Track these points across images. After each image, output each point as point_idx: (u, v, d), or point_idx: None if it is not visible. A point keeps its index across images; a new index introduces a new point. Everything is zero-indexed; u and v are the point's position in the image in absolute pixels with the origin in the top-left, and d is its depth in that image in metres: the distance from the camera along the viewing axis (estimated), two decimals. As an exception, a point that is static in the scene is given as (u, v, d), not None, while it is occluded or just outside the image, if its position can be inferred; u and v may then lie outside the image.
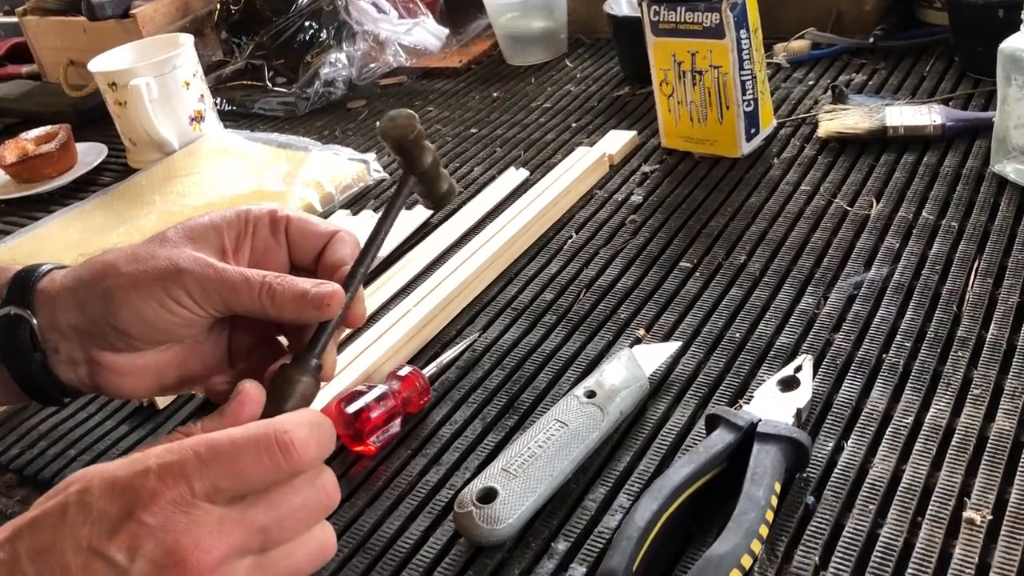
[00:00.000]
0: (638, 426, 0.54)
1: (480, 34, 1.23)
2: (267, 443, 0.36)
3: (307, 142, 1.00)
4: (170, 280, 0.44)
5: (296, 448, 0.37)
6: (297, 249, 0.49)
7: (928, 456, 0.48)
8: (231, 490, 0.36)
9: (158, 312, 0.45)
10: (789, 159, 0.81)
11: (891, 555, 0.43)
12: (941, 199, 0.70)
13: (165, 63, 1.00)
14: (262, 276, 0.45)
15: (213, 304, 0.45)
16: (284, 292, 0.45)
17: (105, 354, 0.46)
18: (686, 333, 0.61)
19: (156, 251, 0.45)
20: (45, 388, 0.47)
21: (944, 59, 0.91)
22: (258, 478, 0.36)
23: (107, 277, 0.45)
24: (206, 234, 0.47)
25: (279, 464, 0.36)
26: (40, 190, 1.03)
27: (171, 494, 0.34)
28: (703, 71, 0.80)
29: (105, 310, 0.45)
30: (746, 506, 0.45)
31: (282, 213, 0.49)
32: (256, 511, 0.36)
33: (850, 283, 0.63)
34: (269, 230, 0.48)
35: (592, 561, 0.46)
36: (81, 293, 0.45)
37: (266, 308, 0.45)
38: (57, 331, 0.46)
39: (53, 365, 0.46)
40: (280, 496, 0.37)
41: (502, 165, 0.90)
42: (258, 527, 0.36)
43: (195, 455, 0.35)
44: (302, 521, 0.37)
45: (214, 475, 0.35)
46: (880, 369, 0.55)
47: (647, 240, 0.73)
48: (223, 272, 0.45)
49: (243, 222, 0.48)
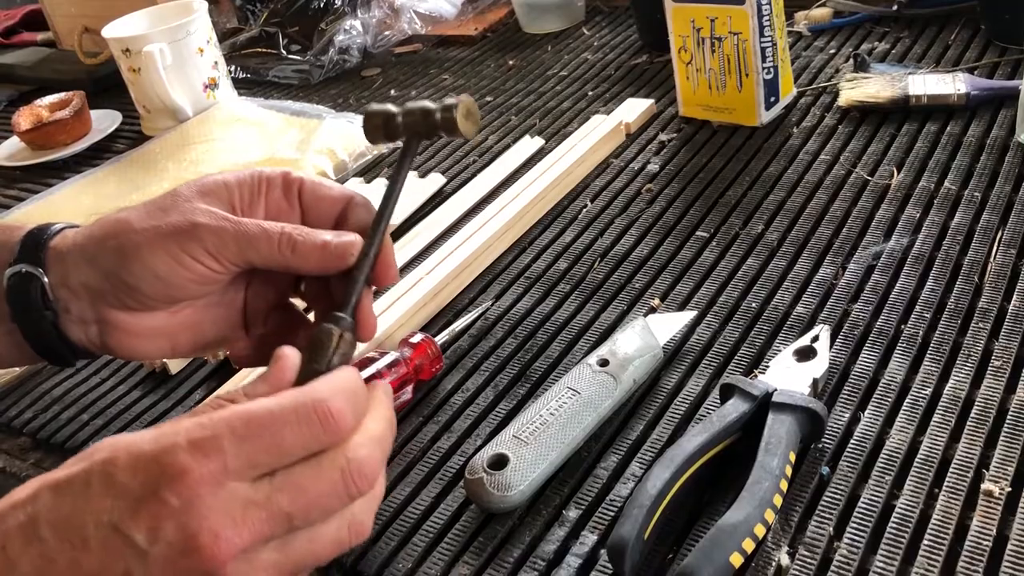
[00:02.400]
0: (651, 395, 0.54)
1: (496, 1, 1.22)
2: (306, 414, 0.35)
3: (321, 110, 0.99)
4: (185, 235, 0.44)
5: (334, 418, 0.36)
6: (311, 212, 0.48)
7: (946, 428, 0.47)
8: (267, 465, 0.35)
9: (173, 268, 0.44)
10: (809, 128, 0.79)
11: (907, 526, 0.43)
12: (964, 169, 0.69)
13: (179, 29, 0.99)
14: (280, 227, 0.45)
15: (230, 257, 0.44)
16: (306, 242, 0.44)
17: (116, 313, 0.45)
18: (701, 303, 0.61)
19: (169, 206, 0.45)
20: (56, 348, 0.46)
21: (970, 27, 0.89)
22: (296, 451, 0.35)
23: (120, 234, 0.44)
24: (218, 190, 0.46)
25: (318, 435, 0.35)
26: (54, 157, 1.02)
27: (201, 471, 0.33)
28: (722, 38, 0.79)
29: (118, 267, 0.44)
30: (760, 475, 0.44)
31: (295, 175, 0.48)
32: (282, 496, 0.35)
33: (869, 253, 0.62)
34: (282, 191, 0.47)
35: (603, 529, 0.46)
36: (93, 250, 0.45)
37: (287, 258, 0.44)
38: (68, 289, 0.45)
39: (64, 325, 0.46)
40: (308, 480, 0.35)
41: (517, 133, 0.89)
42: (283, 513, 0.35)
43: (230, 429, 0.34)
44: (328, 506, 0.36)
45: (251, 449, 0.34)
46: (898, 340, 0.54)
47: (663, 209, 0.72)
48: (240, 224, 0.44)
49: (256, 182, 0.47)
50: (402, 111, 0.48)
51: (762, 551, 0.43)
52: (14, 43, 1.39)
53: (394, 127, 0.47)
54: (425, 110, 0.47)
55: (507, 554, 0.46)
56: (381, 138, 0.48)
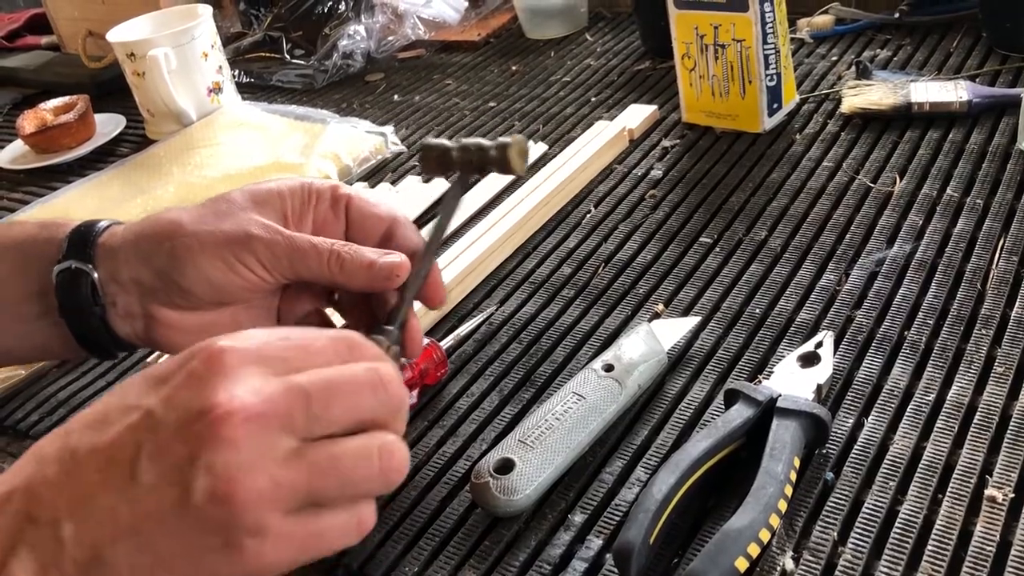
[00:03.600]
0: (656, 400, 0.54)
1: (499, 7, 1.22)
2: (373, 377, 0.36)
3: (325, 114, 0.99)
4: (240, 245, 0.45)
5: (384, 384, 0.36)
6: (355, 228, 0.49)
7: (949, 433, 0.48)
8: (300, 366, 0.34)
9: (225, 275, 0.45)
10: (811, 135, 0.80)
11: (911, 532, 0.43)
12: (966, 176, 0.69)
13: (183, 34, 1.00)
14: (330, 244, 0.46)
15: (281, 270, 0.45)
16: (353, 260, 0.46)
17: (163, 310, 0.46)
18: (705, 308, 0.61)
19: (224, 213, 0.46)
20: (101, 341, 0.47)
21: (971, 35, 0.90)
22: (332, 362, 0.35)
23: (175, 235, 0.45)
24: (271, 199, 0.47)
25: (359, 378, 0.35)
26: (58, 160, 1.03)
27: (233, 345, 0.34)
28: (726, 45, 0.79)
29: (171, 267, 0.45)
30: (765, 480, 0.44)
31: (343, 190, 0.49)
32: (307, 382, 0.34)
33: (872, 260, 0.62)
34: (330, 205, 0.48)
35: (609, 534, 0.46)
36: (145, 247, 0.46)
37: (334, 275, 0.45)
38: (117, 284, 0.46)
39: (111, 319, 0.47)
40: (339, 387, 0.34)
41: (521, 139, 0.90)
42: (304, 393, 0.33)
43: (277, 334, 0.35)
44: (355, 486, 0.35)
45: (289, 346, 0.35)
46: (902, 346, 0.54)
47: (667, 215, 0.73)
48: (292, 239, 0.45)
49: (307, 193, 0.48)
50: (457, 147, 0.51)
51: (767, 556, 0.43)
52: (18, 46, 1.39)
53: (449, 161, 0.51)
54: (480, 147, 0.51)
55: (513, 558, 0.46)
56: (435, 170, 0.52)
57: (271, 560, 0.32)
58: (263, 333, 0.36)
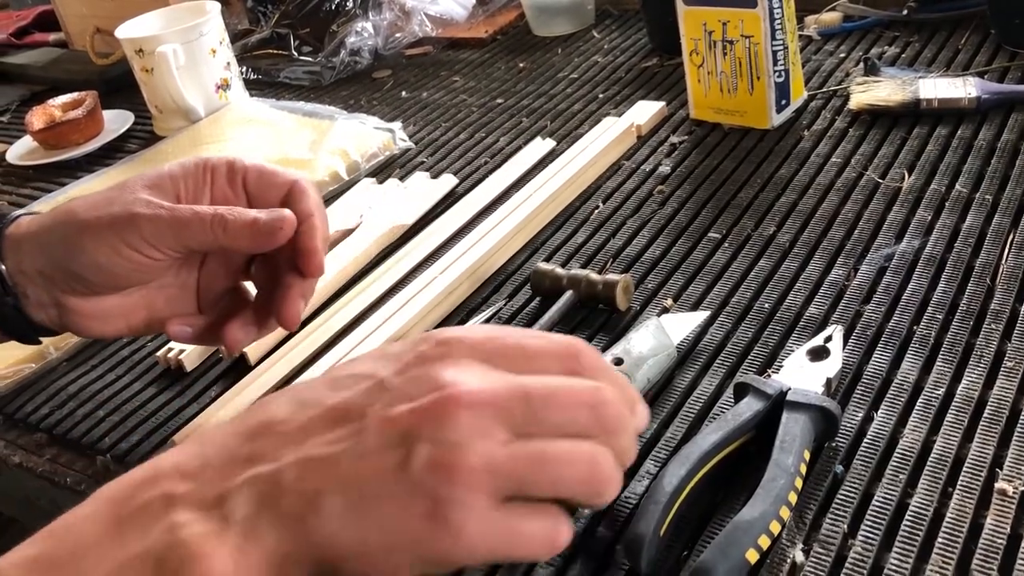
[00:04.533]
0: (665, 394, 0.54)
1: (506, 4, 1.22)
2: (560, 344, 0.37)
3: (333, 111, 0.99)
4: (124, 225, 0.46)
5: (584, 355, 0.37)
6: (257, 199, 0.50)
7: (960, 427, 0.48)
8: (516, 363, 0.36)
9: (111, 258, 0.46)
10: (820, 131, 0.80)
11: (921, 524, 0.43)
12: (975, 172, 0.69)
13: (192, 30, 1.00)
14: (213, 209, 0.47)
15: (168, 244, 0.46)
16: (236, 220, 0.46)
17: (69, 298, 0.47)
18: (714, 303, 0.61)
19: (115, 199, 0.47)
20: (20, 328, 0.49)
21: (980, 32, 0.90)
22: (551, 368, 0.36)
23: (66, 223, 0.47)
24: (163, 182, 0.48)
25: (568, 363, 0.37)
26: (67, 156, 1.03)
27: (457, 334, 0.36)
28: (734, 41, 0.79)
29: (64, 256, 0.46)
30: (775, 473, 0.44)
31: (240, 163, 0.50)
32: (533, 450, 0.34)
33: (881, 255, 0.62)
34: (227, 179, 0.49)
35: (619, 526, 0.46)
36: (43, 238, 0.47)
37: (219, 238, 0.46)
38: (24, 275, 0.47)
39: (25, 307, 0.48)
40: (556, 448, 0.34)
41: (528, 135, 0.90)
42: (522, 472, 0.34)
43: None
44: (561, 485, 0.35)
45: (502, 345, 0.36)
46: (911, 341, 0.54)
47: (675, 211, 0.73)
48: (174, 211, 0.46)
49: (201, 171, 0.49)
50: (568, 276, 0.62)
51: (777, 548, 0.43)
52: (26, 43, 1.40)
53: (559, 288, 0.61)
54: (590, 281, 0.61)
55: (523, 550, 0.46)
56: (544, 291, 0.62)
57: (468, 542, 0.32)
58: (486, 328, 0.37)
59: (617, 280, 0.60)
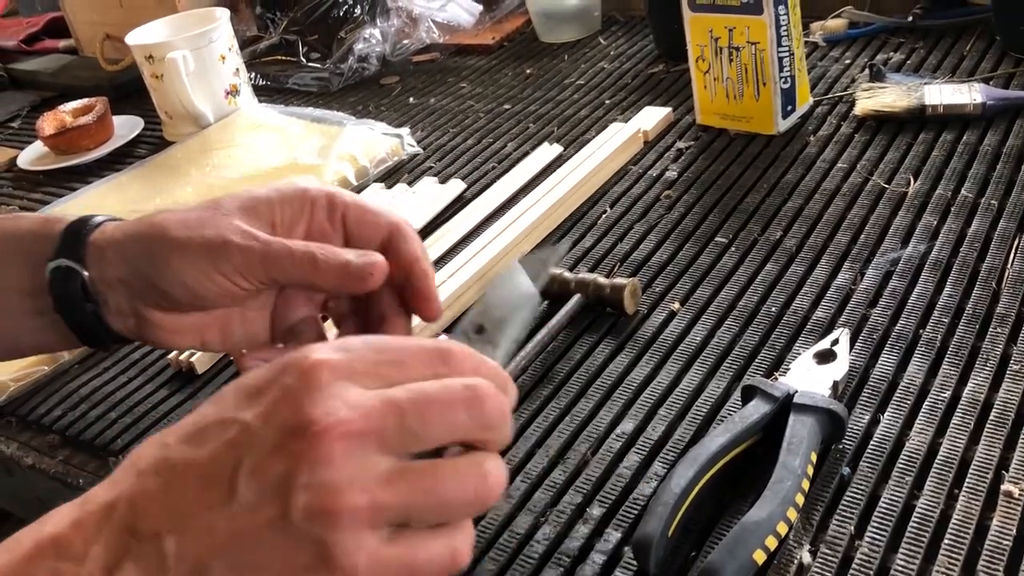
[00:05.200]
0: (673, 396, 0.55)
1: (513, 11, 1.23)
2: (429, 348, 0.35)
3: (341, 116, 1.00)
4: (216, 252, 0.45)
5: (454, 355, 0.35)
6: (354, 238, 0.48)
7: (965, 430, 0.48)
8: (391, 378, 0.34)
9: (199, 281, 0.45)
10: (825, 137, 0.80)
11: (927, 526, 0.43)
12: (980, 178, 0.70)
13: (201, 37, 1.01)
14: (305, 246, 0.45)
15: (257, 276, 0.45)
16: (327, 261, 0.45)
17: (150, 310, 0.46)
18: (721, 307, 0.61)
19: (208, 220, 0.46)
20: (99, 336, 0.48)
21: (985, 38, 0.90)
22: (419, 370, 0.34)
23: (156, 239, 0.46)
24: (259, 208, 0.47)
25: (437, 366, 0.35)
26: (77, 161, 1.04)
27: (326, 357, 0.33)
28: (740, 47, 0.80)
29: (150, 269, 0.45)
30: (782, 475, 0.45)
31: (341, 198, 0.48)
32: (401, 391, 0.33)
33: (887, 259, 0.63)
34: (326, 213, 0.47)
35: (627, 527, 0.47)
36: (129, 249, 0.46)
37: (308, 277, 0.45)
38: (106, 283, 0.47)
39: (104, 315, 0.47)
40: (429, 386, 0.33)
41: (536, 141, 0.90)
42: (399, 406, 0.32)
43: (363, 342, 0.34)
44: (450, 507, 0.33)
45: (379, 358, 0.34)
46: (917, 344, 0.55)
47: (682, 215, 0.73)
48: (268, 244, 0.45)
49: (300, 201, 0.47)
50: (576, 280, 0.63)
51: (784, 549, 0.43)
52: (37, 50, 1.41)
53: (567, 291, 0.62)
54: (597, 284, 0.62)
55: (531, 551, 0.47)
56: (552, 295, 0.63)
57: None
58: (357, 343, 0.35)
59: (625, 284, 0.60)
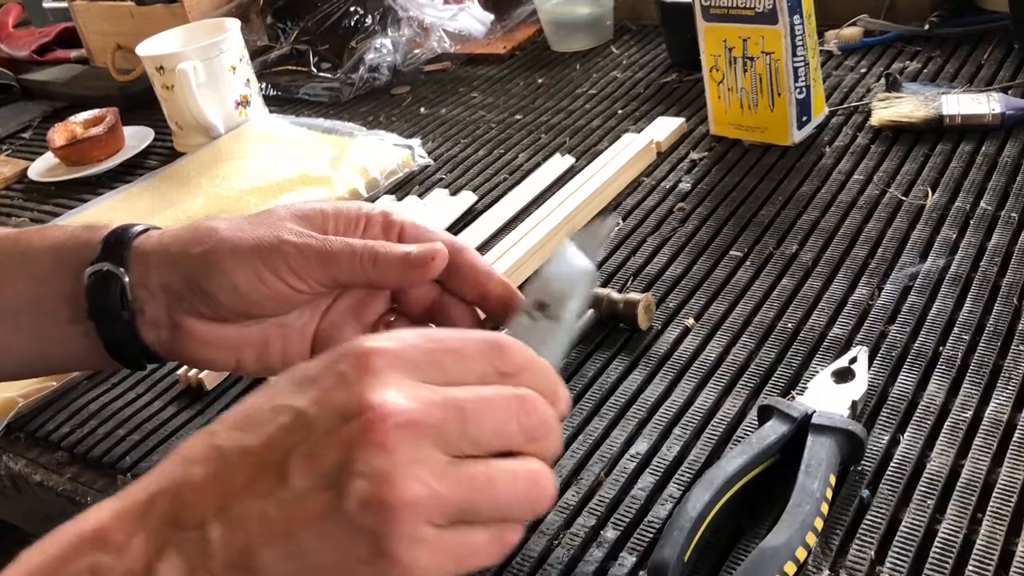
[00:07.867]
0: (688, 415, 0.54)
1: (525, 20, 1.22)
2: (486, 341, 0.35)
3: (352, 127, 1.00)
4: (270, 250, 0.44)
5: (509, 351, 0.35)
6: None
7: (988, 451, 0.47)
8: (446, 370, 0.34)
9: (251, 282, 0.44)
10: (841, 148, 0.79)
11: (950, 552, 0.42)
12: (1000, 189, 0.68)
13: (212, 47, 1.00)
14: (363, 242, 0.45)
15: (314, 275, 0.44)
16: (387, 254, 0.44)
17: (188, 319, 0.46)
18: (736, 323, 0.60)
19: (260, 222, 0.45)
20: (128, 349, 0.47)
21: (1003, 47, 0.89)
22: (476, 367, 0.35)
23: (208, 240, 0.45)
24: (313, 216, 0.46)
25: (495, 361, 0.35)
26: (88, 172, 1.04)
27: (381, 346, 0.33)
28: (754, 57, 0.79)
29: (200, 272, 0.45)
30: (800, 498, 0.44)
31: (396, 218, 0.48)
32: (457, 391, 0.33)
33: (905, 274, 0.62)
34: (381, 229, 0.47)
35: (642, 551, 0.46)
36: (177, 252, 0.46)
37: (368, 273, 0.44)
38: (146, 289, 0.46)
39: (138, 326, 0.46)
40: (485, 390, 0.34)
41: (547, 151, 0.90)
42: (457, 404, 0.33)
43: (418, 334, 0.34)
44: (503, 508, 0.33)
45: (435, 348, 0.34)
46: (937, 362, 0.54)
47: (696, 228, 0.72)
48: (325, 241, 0.44)
49: (355, 216, 0.47)
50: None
51: (803, 575, 0.42)
52: (48, 60, 1.41)
53: None
54: (611, 299, 0.61)
55: (545, 575, 0.46)
56: None
57: (424, 573, 0.31)
58: (411, 333, 0.34)
59: (638, 299, 0.59)
